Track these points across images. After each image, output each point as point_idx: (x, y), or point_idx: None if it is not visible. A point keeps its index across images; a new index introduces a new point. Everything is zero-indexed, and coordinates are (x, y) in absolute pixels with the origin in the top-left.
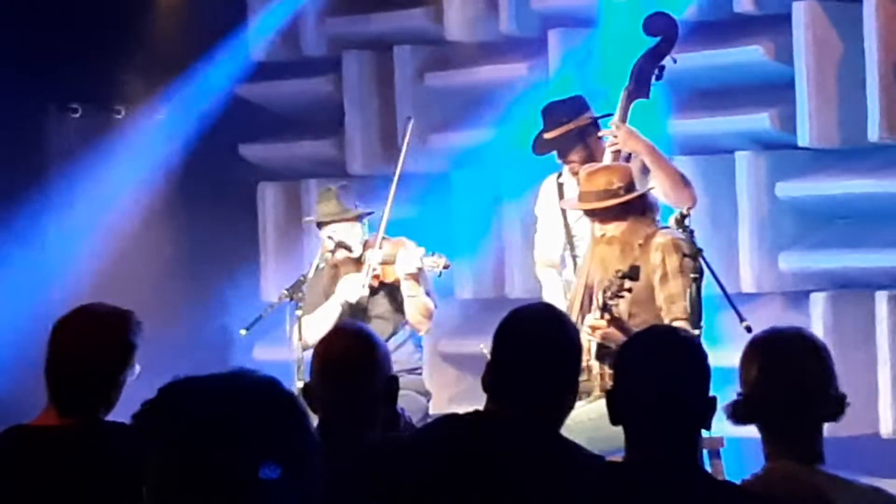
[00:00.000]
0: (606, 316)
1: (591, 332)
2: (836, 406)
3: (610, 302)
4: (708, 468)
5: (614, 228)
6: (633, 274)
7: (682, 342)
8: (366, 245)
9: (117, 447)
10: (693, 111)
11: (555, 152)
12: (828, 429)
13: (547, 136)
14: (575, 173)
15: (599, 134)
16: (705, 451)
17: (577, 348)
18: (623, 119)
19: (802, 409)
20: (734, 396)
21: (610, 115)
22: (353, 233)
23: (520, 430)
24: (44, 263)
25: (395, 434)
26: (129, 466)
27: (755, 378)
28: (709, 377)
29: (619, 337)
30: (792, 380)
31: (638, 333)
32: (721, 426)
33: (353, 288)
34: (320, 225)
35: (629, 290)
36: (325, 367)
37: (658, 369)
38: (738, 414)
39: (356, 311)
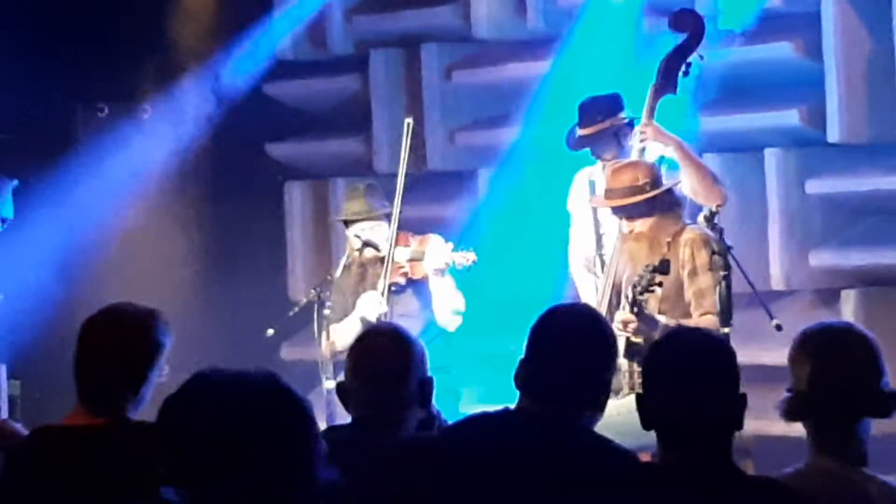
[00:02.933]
0: (636, 311)
1: (623, 328)
2: (886, 402)
3: (640, 297)
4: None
5: (641, 224)
6: (663, 268)
7: (708, 343)
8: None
9: (145, 447)
10: (723, 108)
11: (588, 149)
12: None
13: (582, 132)
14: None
15: (634, 132)
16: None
17: (613, 349)
18: (650, 115)
19: (853, 404)
20: (784, 393)
21: None
22: (379, 232)
23: (552, 427)
24: (70, 262)
25: (426, 433)
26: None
27: (808, 375)
28: (738, 376)
29: (650, 332)
30: (845, 376)
31: (664, 337)
32: (751, 424)
33: (372, 306)
34: (347, 223)
35: (659, 285)
36: (360, 366)
37: (687, 372)
38: (791, 411)
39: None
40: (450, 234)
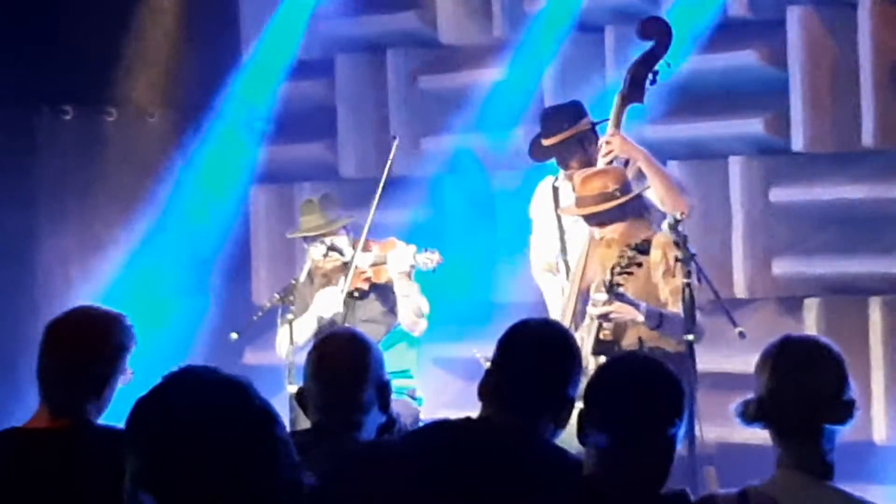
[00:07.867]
0: (614, 294)
1: (598, 311)
2: (844, 410)
3: (617, 278)
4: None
5: (613, 230)
6: (643, 248)
7: (651, 370)
8: (353, 247)
9: (108, 450)
10: (687, 116)
11: (553, 159)
12: None
13: (546, 142)
14: (571, 178)
15: (600, 142)
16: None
17: (578, 366)
18: (617, 124)
19: (812, 412)
20: (746, 397)
21: (608, 119)
22: (340, 241)
23: (512, 437)
24: (33, 262)
25: (386, 438)
26: (120, 469)
27: (767, 380)
28: (681, 398)
29: (626, 311)
30: (803, 382)
31: (608, 363)
32: (714, 431)
33: (328, 303)
34: (306, 238)
35: (639, 265)
36: (319, 370)
37: (625, 400)
38: (747, 413)
39: (333, 322)
40: (413, 241)
